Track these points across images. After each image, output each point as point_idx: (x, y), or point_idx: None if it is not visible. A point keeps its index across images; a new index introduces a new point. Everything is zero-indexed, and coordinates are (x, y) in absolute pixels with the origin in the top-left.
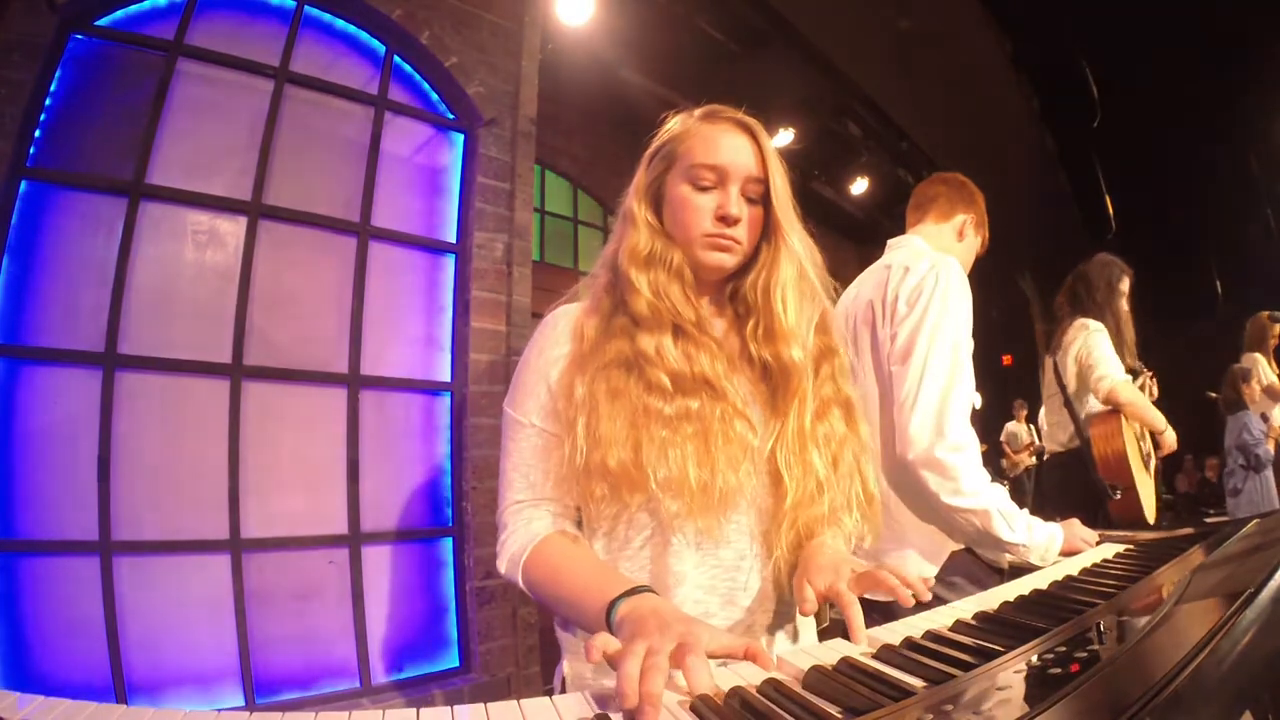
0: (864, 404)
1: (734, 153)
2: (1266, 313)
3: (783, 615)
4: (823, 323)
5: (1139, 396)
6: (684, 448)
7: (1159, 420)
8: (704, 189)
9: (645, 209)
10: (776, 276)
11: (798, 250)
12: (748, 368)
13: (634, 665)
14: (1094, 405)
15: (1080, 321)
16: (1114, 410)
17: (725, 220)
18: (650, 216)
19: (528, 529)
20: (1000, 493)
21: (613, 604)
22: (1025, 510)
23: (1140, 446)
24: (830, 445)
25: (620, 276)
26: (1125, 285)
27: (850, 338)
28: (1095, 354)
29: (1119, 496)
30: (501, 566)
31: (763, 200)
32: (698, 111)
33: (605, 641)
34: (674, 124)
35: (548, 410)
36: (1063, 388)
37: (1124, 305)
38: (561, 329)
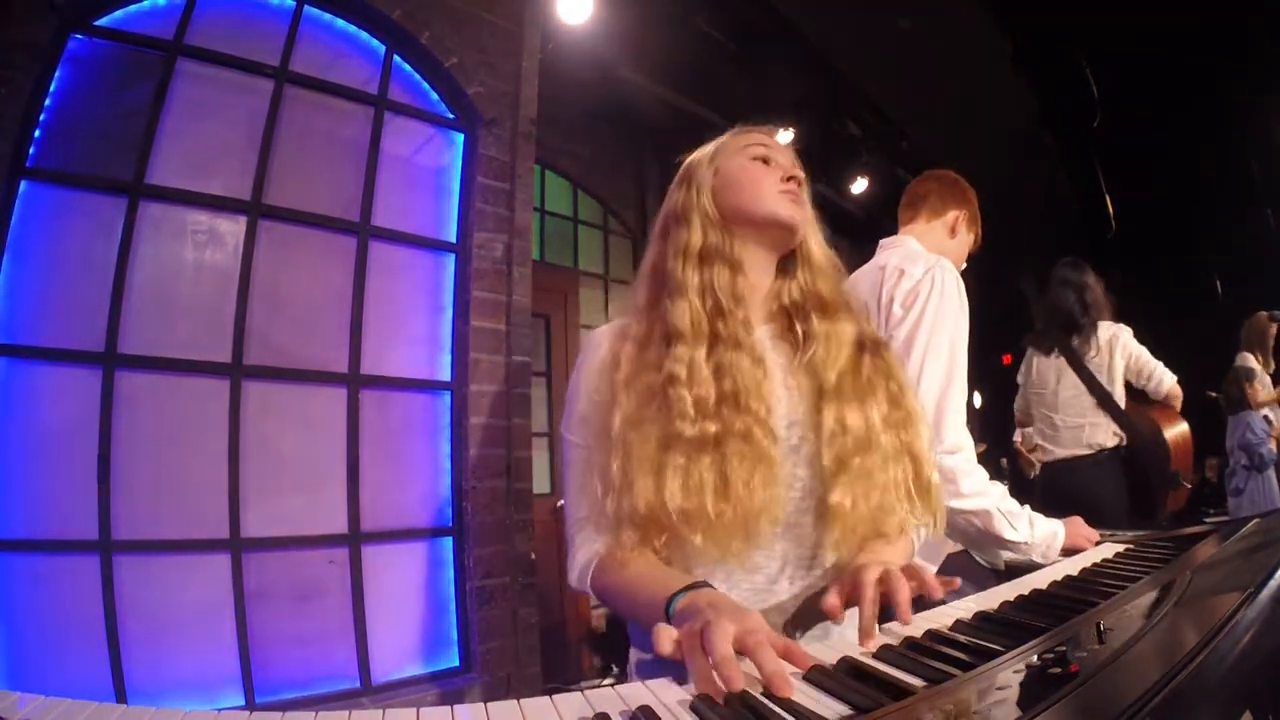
0: None
1: (779, 146)
2: (1265, 312)
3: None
4: (865, 313)
5: None
6: (702, 475)
7: None
8: (763, 160)
9: (703, 196)
10: (814, 260)
11: (822, 246)
12: (798, 376)
13: (712, 648)
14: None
15: (1110, 324)
16: (1169, 406)
17: (794, 179)
18: (708, 203)
19: (590, 546)
20: (1000, 491)
21: (671, 598)
22: (1027, 507)
23: None
24: (881, 434)
25: (668, 279)
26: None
27: None
28: (1146, 355)
29: (1189, 485)
30: (572, 579)
31: None
32: (726, 134)
33: (664, 632)
34: (705, 147)
35: (594, 429)
36: (1096, 389)
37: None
38: (605, 350)
